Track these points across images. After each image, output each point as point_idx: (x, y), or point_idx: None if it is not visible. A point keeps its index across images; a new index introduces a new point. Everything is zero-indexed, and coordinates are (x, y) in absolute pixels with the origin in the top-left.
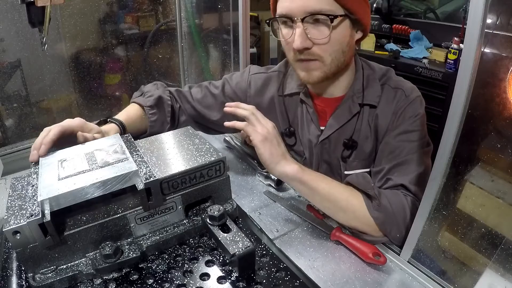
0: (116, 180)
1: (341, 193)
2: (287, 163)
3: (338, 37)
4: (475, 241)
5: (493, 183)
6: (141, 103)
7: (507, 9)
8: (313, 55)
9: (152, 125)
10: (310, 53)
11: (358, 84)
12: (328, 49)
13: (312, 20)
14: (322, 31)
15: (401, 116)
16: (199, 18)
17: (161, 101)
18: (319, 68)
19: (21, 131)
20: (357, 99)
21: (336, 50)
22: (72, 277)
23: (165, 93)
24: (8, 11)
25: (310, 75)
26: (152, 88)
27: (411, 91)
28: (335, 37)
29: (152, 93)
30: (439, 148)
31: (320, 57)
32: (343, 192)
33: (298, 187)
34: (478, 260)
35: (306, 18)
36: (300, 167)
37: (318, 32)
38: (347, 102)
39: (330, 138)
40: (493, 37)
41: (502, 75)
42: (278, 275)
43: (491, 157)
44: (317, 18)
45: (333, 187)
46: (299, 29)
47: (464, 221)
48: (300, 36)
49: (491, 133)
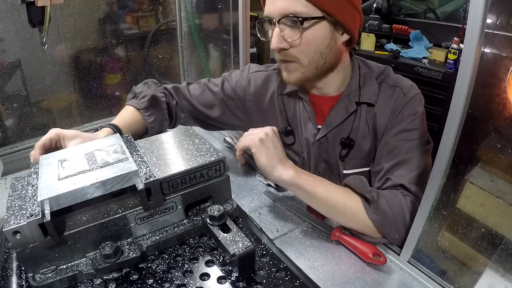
0: (116, 180)
1: (338, 196)
2: (284, 168)
3: (313, 38)
4: (475, 241)
5: (493, 183)
6: (136, 106)
7: (507, 9)
8: (289, 56)
9: (152, 126)
10: (286, 54)
11: (354, 83)
12: (304, 51)
13: (290, 22)
14: (296, 32)
15: (399, 114)
16: (199, 18)
17: (155, 101)
18: (297, 70)
19: (21, 131)
20: (354, 98)
21: (313, 52)
22: (72, 277)
23: (157, 91)
24: (8, 11)
25: (289, 75)
26: (144, 88)
27: (410, 89)
28: (309, 38)
29: (144, 93)
30: (439, 148)
31: (296, 59)
32: (340, 195)
33: (295, 192)
34: (478, 260)
35: (282, 20)
36: (296, 172)
37: (293, 33)
38: (344, 101)
39: (328, 137)
40: (493, 37)
41: (502, 75)
42: (278, 275)
43: (491, 157)
44: (294, 20)
45: (330, 191)
46: (275, 30)
47: (464, 221)
48: (276, 36)
49: (491, 133)
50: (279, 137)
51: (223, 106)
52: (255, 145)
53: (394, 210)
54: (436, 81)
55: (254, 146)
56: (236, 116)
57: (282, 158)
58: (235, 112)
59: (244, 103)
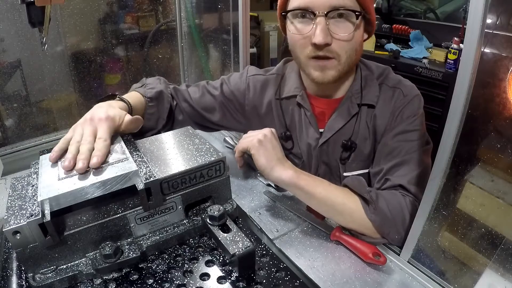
0: (116, 180)
1: (337, 197)
2: (283, 168)
3: (358, 35)
4: (475, 241)
5: (493, 183)
6: (142, 93)
7: (507, 9)
8: (331, 52)
9: (148, 118)
10: (329, 50)
11: (356, 85)
12: (345, 47)
13: (335, 15)
14: (342, 27)
15: (399, 116)
16: (199, 18)
17: (162, 96)
18: (335, 67)
19: (21, 131)
20: (356, 100)
21: (352, 49)
22: (72, 277)
23: (167, 90)
24: (8, 11)
25: (325, 74)
26: (155, 81)
27: (410, 90)
28: (356, 34)
29: (153, 86)
30: (439, 148)
31: (337, 55)
32: (339, 196)
33: (294, 192)
34: (478, 260)
35: (330, 13)
36: (295, 172)
37: (339, 28)
38: (346, 103)
39: (329, 141)
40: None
41: (502, 75)
42: (278, 275)
43: (491, 157)
44: (341, 13)
45: (329, 191)
46: (321, 23)
47: (464, 221)
48: (323, 31)
49: (491, 133)
50: (277, 138)
51: (223, 110)
52: (254, 147)
53: (393, 211)
54: (436, 81)
55: (253, 148)
56: (236, 119)
57: (280, 158)
58: (235, 115)
59: (243, 107)
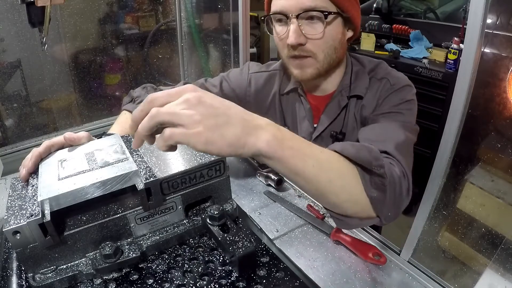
0: (116, 180)
1: (331, 169)
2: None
3: (331, 33)
4: (475, 241)
5: (493, 183)
6: (132, 110)
7: (507, 9)
8: (306, 51)
9: None
10: (303, 50)
11: (346, 79)
12: (321, 46)
13: (307, 16)
14: (316, 27)
15: (383, 103)
16: (199, 18)
17: None
18: (312, 65)
19: (21, 131)
20: (346, 93)
21: (329, 47)
22: (72, 277)
23: None
24: (8, 11)
25: (303, 72)
26: (142, 92)
27: (397, 80)
28: (329, 33)
29: (142, 98)
30: (439, 148)
31: (313, 54)
32: (334, 167)
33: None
34: (478, 260)
35: (301, 15)
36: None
37: (312, 28)
38: (337, 97)
39: (322, 135)
40: (493, 37)
41: (502, 75)
42: (278, 275)
43: (491, 157)
44: (312, 15)
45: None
46: (293, 25)
47: (464, 221)
48: (295, 32)
49: (491, 133)
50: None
51: None
52: (199, 143)
53: (390, 183)
54: (436, 81)
55: (198, 144)
56: None
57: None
58: None
59: (243, 103)
